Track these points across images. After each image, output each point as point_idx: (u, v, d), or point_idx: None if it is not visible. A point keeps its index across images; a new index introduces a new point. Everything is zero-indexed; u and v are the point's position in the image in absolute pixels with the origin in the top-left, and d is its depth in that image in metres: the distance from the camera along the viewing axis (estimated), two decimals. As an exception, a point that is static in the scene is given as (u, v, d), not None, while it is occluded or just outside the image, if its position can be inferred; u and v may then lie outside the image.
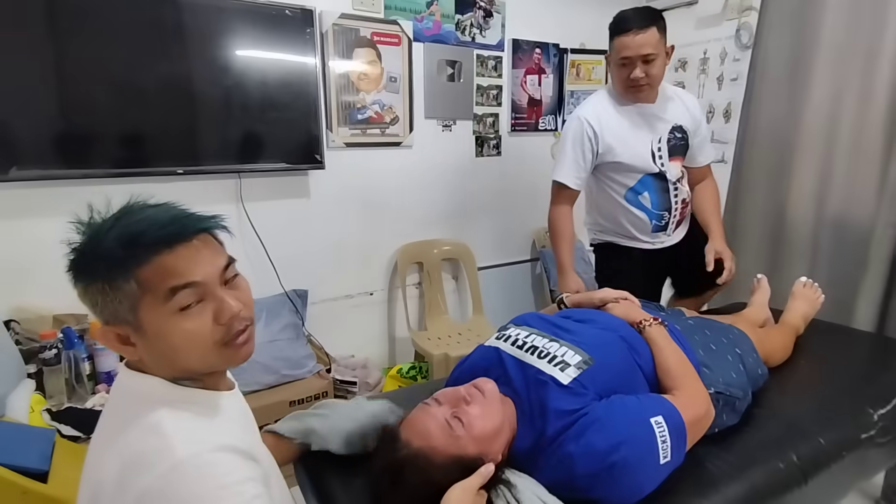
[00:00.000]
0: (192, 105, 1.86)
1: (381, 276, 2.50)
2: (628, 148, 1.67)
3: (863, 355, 1.65)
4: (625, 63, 1.57)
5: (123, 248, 0.59)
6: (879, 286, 2.02)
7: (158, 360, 0.64)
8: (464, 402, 0.93)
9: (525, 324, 1.18)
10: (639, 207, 1.73)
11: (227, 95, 1.90)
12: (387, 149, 2.37)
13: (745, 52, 2.53)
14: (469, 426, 0.90)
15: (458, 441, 0.89)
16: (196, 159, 1.91)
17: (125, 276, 0.59)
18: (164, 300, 0.60)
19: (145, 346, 0.62)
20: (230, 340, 0.64)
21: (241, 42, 1.89)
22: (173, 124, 1.85)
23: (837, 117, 2.12)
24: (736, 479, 1.03)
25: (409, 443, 0.89)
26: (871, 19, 1.99)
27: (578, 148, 1.67)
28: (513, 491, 0.89)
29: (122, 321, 0.61)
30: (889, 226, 1.97)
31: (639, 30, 1.53)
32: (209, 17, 1.83)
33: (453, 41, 2.45)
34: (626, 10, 1.61)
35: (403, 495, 0.85)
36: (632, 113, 1.68)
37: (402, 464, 0.87)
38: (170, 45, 1.79)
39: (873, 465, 1.31)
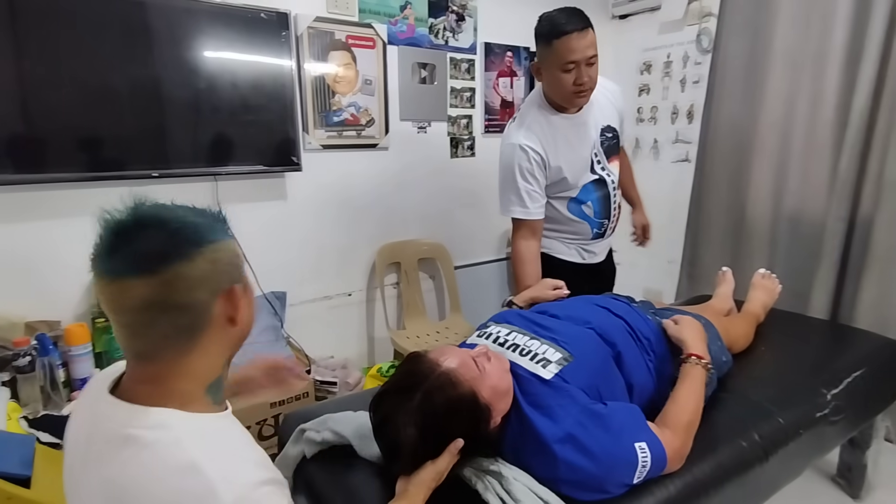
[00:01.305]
0: (166, 108, 1.85)
1: (360, 276, 2.52)
2: (572, 164, 1.60)
3: (817, 341, 1.76)
4: (570, 68, 1.45)
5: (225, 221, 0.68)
6: (832, 276, 2.14)
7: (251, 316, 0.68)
8: (484, 357, 0.98)
9: (505, 321, 1.21)
10: (581, 217, 1.68)
11: (202, 98, 1.89)
12: (363, 150, 2.40)
13: (705, 56, 2.65)
14: (489, 373, 0.95)
15: (479, 377, 0.93)
16: (171, 162, 1.89)
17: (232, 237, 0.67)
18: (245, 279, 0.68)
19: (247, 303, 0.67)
20: None
21: (216, 44, 1.89)
22: (146, 127, 1.84)
23: (791, 118, 2.25)
24: (703, 458, 1.09)
25: (438, 363, 0.93)
26: (819, 26, 2.11)
27: (531, 178, 1.56)
28: (503, 482, 0.93)
29: (241, 278, 0.66)
30: (839, 220, 2.10)
31: (581, 31, 1.42)
32: (183, 20, 1.82)
33: (427, 44, 2.49)
34: (557, 14, 1.46)
35: (418, 414, 0.87)
36: (566, 126, 1.59)
37: (427, 377, 0.90)
38: (141, 47, 1.77)
39: (828, 442, 1.41)
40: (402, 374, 0.95)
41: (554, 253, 1.73)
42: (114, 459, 0.59)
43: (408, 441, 0.87)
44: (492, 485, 0.93)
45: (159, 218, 0.61)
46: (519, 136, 1.57)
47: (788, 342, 1.67)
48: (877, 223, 2.00)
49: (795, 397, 1.34)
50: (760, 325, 1.71)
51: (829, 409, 1.33)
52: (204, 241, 0.62)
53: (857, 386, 1.43)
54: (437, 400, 0.88)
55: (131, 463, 0.58)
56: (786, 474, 1.27)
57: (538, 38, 1.51)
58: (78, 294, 1.82)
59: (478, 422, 0.92)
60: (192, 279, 0.60)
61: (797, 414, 1.28)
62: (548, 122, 1.58)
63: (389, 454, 0.94)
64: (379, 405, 0.93)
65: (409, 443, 0.87)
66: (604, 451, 0.93)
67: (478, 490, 0.93)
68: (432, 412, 0.88)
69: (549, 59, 1.48)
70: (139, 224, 0.60)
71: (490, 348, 1.06)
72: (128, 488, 0.57)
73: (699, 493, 1.05)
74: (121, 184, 1.79)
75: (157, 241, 0.59)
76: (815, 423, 1.30)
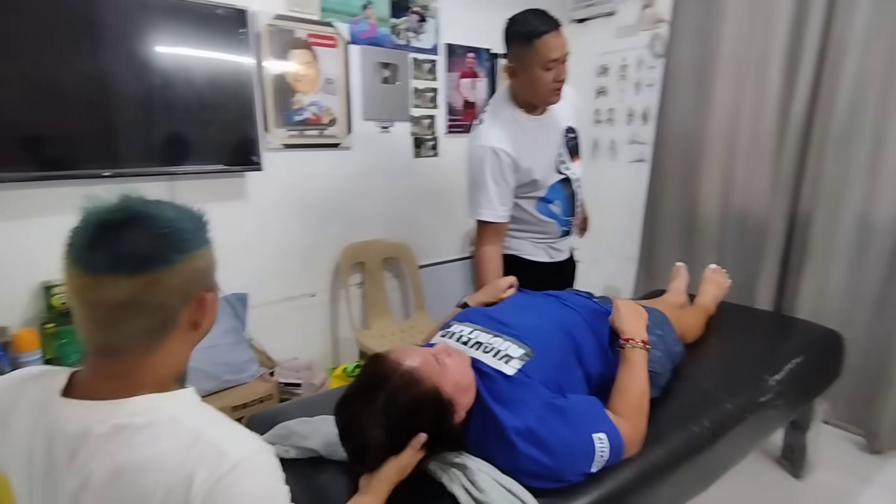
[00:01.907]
0: (116, 105, 1.79)
1: (323, 276, 2.50)
2: (541, 164, 1.63)
3: (762, 331, 1.87)
4: (551, 66, 1.49)
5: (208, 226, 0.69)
6: (776, 270, 2.27)
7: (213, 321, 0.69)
8: (444, 354, 1.00)
9: (468, 320, 1.23)
10: (550, 216, 1.71)
11: (155, 95, 1.84)
12: (326, 150, 2.38)
13: (658, 60, 2.76)
14: (450, 369, 0.97)
15: (441, 373, 0.95)
16: (122, 161, 1.83)
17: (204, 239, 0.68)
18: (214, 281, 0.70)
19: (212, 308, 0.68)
20: None
21: (171, 40, 1.84)
22: (96, 125, 1.77)
23: (737, 121, 2.37)
24: (657, 444, 1.14)
25: (400, 363, 0.94)
26: (762, 33, 2.24)
27: (501, 181, 1.56)
28: (467, 473, 0.95)
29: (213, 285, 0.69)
30: (782, 216, 2.23)
31: (557, 31, 1.48)
32: (135, 14, 1.76)
33: (389, 44, 2.49)
34: (530, 15, 1.50)
35: (382, 414, 0.88)
36: (534, 127, 1.62)
37: (389, 377, 0.91)
38: (91, 42, 1.71)
39: (771, 425, 1.50)
40: (365, 376, 0.96)
41: (523, 254, 1.74)
42: (104, 452, 0.59)
43: (374, 442, 0.88)
44: (457, 476, 0.95)
45: (147, 218, 0.61)
46: (490, 137, 1.56)
47: (736, 333, 1.77)
48: (815, 220, 2.13)
49: (741, 384, 1.42)
50: (711, 317, 1.79)
51: (772, 395, 1.42)
52: (187, 249, 0.63)
53: (797, 372, 1.52)
54: (400, 399, 0.90)
55: (131, 446, 0.59)
56: (733, 457, 1.35)
57: (514, 39, 1.52)
58: (25, 299, 1.74)
59: (441, 417, 0.94)
60: (169, 286, 0.61)
61: (743, 400, 1.36)
62: (517, 123, 1.60)
63: (356, 456, 0.95)
64: (344, 408, 0.94)
65: (376, 443, 0.88)
66: (562, 444, 0.97)
67: (443, 482, 0.95)
68: (397, 411, 0.89)
69: (529, 59, 1.49)
70: (126, 222, 0.60)
71: (451, 346, 1.09)
72: (135, 468, 0.58)
73: (653, 477, 1.10)
74: (69, 184, 1.73)
75: (142, 243, 0.60)
76: (759, 408, 1.38)
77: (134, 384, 0.63)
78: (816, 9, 2.04)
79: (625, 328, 1.21)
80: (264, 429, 1.15)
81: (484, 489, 0.93)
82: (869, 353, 2.06)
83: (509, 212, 1.62)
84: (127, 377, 0.63)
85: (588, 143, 3.18)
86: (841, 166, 2.05)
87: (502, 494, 0.93)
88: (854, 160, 2.03)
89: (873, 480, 1.88)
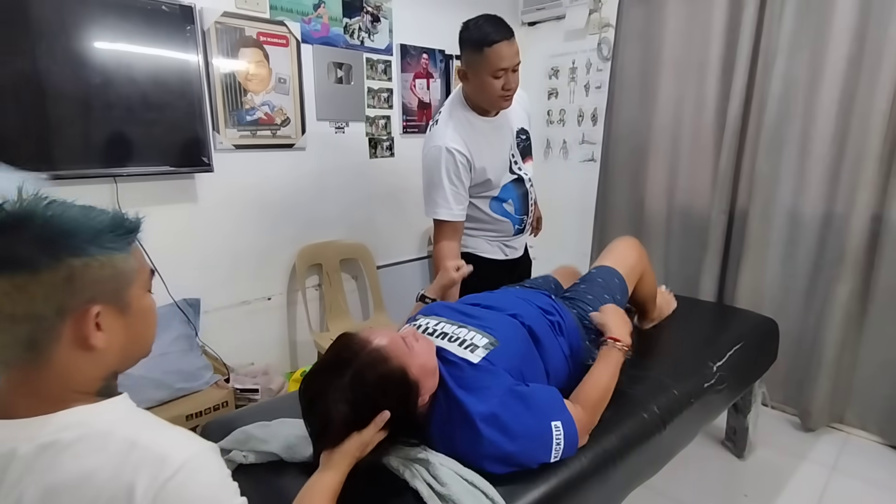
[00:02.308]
0: (52, 104, 1.69)
1: (279, 279, 2.45)
2: (494, 164, 1.67)
3: (706, 320, 1.97)
4: (500, 74, 1.53)
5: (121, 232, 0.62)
6: (717, 263, 2.41)
7: (127, 341, 0.64)
8: (412, 337, 1.02)
9: (433, 314, 1.26)
10: (503, 215, 1.75)
11: (94, 93, 1.76)
12: (279, 150, 2.34)
13: (606, 63, 2.86)
14: (417, 351, 0.99)
15: (409, 354, 0.97)
16: (59, 163, 1.74)
17: (127, 251, 0.63)
18: (146, 282, 0.67)
19: (122, 326, 0.63)
20: None
21: (111, 36, 1.76)
22: (29, 125, 1.68)
23: (679, 122, 2.49)
24: (610, 431, 1.19)
25: (369, 341, 0.95)
26: (700, 39, 2.36)
27: (457, 180, 1.60)
28: (430, 469, 0.96)
29: (116, 299, 0.62)
30: (721, 212, 2.36)
31: (510, 40, 1.51)
32: (73, 9, 1.68)
33: (342, 44, 2.48)
34: (485, 23, 1.53)
35: (349, 390, 0.89)
36: (487, 129, 1.66)
37: (357, 354, 0.92)
38: (24, 38, 1.62)
39: (715, 408, 1.59)
40: (333, 353, 0.96)
41: (479, 252, 1.78)
42: (33, 472, 0.56)
43: (338, 416, 0.89)
44: (419, 472, 0.96)
45: (28, 218, 0.57)
46: (445, 138, 1.59)
47: (682, 323, 1.86)
48: (751, 215, 2.27)
49: (687, 371, 1.50)
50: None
51: (715, 380, 1.51)
52: (65, 252, 0.57)
53: (737, 358, 1.62)
54: (368, 375, 0.91)
55: (60, 463, 0.56)
56: (681, 440, 1.42)
57: (466, 45, 1.55)
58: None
59: (407, 397, 0.95)
60: (34, 293, 0.56)
61: (689, 385, 1.44)
62: (471, 124, 1.64)
63: (319, 432, 0.94)
64: (309, 384, 0.94)
65: (340, 418, 0.89)
66: (524, 430, 1.00)
67: (405, 478, 0.96)
68: (363, 387, 0.90)
69: (479, 66, 1.53)
70: (3, 221, 0.56)
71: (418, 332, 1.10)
72: (68, 486, 0.55)
73: (607, 463, 1.14)
74: (2, 187, 1.62)
75: (7, 245, 0.55)
76: (703, 393, 1.46)
77: (48, 399, 0.59)
78: (748, 18, 2.18)
79: (611, 328, 1.26)
80: (221, 435, 1.13)
81: (446, 482, 0.94)
82: (801, 339, 2.21)
83: (465, 210, 1.66)
84: (36, 393, 0.59)
85: (541, 143, 3.26)
86: (772, 165, 2.20)
87: (464, 487, 0.95)
88: (784, 160, 2.18)
89: (808, 456, 2.02)
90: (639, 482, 1.27)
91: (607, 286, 1.48)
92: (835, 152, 2.05)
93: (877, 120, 1.89)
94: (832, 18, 1.98)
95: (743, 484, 1.88)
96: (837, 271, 2.03)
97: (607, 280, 1.49)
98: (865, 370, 2.08)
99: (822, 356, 2.09)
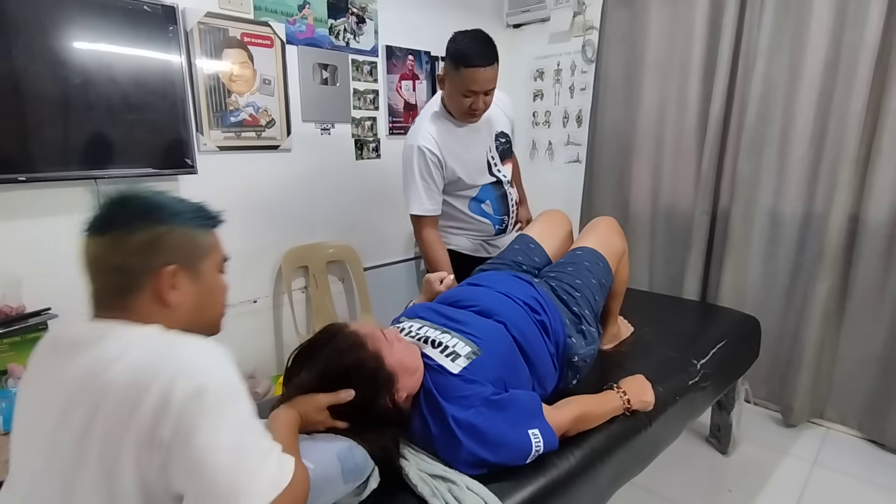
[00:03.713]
0: (30, 105, 1.66)
1: (265, 282, 2.43)
2: (468, 165, 1.75)
3: (690, 319, 2.01)
4: (469, 95, 1.60)
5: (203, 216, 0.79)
6: (700, 262, 2.44)
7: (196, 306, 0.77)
8: (395, 336, 1.06)
9: (417, 316, 1.25)
10: (482, 215, 1.83)
11: (74, 94, 1.72)
12: (264, 152, 2.32)
13: (590, 65, 2.89)
14: (397, 348, 1.02)
15: (388, 346, 1.00)
16: (38, 165, 1.69)
17: (210, 229, 0.80)
18: (220, 263, 0.82)
19: (193, 292, 0.76)
20: None
21: (92, 36, 1.73)
22: (6, 127, 1.64)
23: (663, 124, 2.53)
24: (598, 430, 1.21)
25: (349, 326, 1.01)
26: (682, 41, 2.40)
27: (428, 178, 1.70)
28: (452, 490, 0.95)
29: (190, 263, 0.76)
30: (704, 213, 2.40)
31: (487, 66, 1.56)
32: (51, 9, 1.65)
33: (327, 45, 2.46)
34: (471, 42, 1.57)
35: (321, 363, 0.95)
36: (461, 132, 1.74)
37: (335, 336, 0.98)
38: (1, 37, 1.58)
39: (699, 405, 1.61)
40: (315, 336, 1.02)
41: (461, 249, 1.83)
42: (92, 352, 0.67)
43: (304, 380, 0.94)
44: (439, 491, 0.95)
45: (135, 197, 0.74)
46: (418, 137, 1.69)
47: (666, 321, 1.88)
48: (732, 215, 2.31)
49: (672, 368, 1.52)
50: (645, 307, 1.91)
51: (699, 377, 1.53)
52: (152, 219, 0.73)
53: (720, 355, 1.65)
54: (343, 355, 0.95)
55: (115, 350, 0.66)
56: (666, 437, 1.44)
57: (448, 57, 1.61)
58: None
59: (379, 386, 0.96)
60: (128, 248, 0.71)
61: (674, 383, 1.46)
62: (445, 126, 1.72)
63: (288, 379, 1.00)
64: (289, 360, 1.01)
65: (305, 382, 0.94)
66: (501, 440, 1.01)
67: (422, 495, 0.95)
68: (336, 363, 0.94)
69: (453, 80, 1.61)
70: (119, 199, 0.74)
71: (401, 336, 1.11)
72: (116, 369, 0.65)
73: (595, 461, 1.16)
74: (-21, 189, 1.59)
75: (115, 211, 0.73)
76: (688, 390, 1.49)
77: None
78: (728, 21, 2.22)
79: (629, 390, 1.29)
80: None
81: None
82: (782, 336, 2.26)
83: (438, 206, 1.76)
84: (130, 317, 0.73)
85: (527, 144, 3.28)
86: (753, 166, 2.24)
87: None
88: (764, 161, 2.23)
89: (790, 451, 2.06)
90: (626, 479, 1.29)
91: (593, 271, 1.47)
92: (813, 154, 2.10)
93: (853, 122, 1.94)
94: (809, 21, 2.03)
95: (727, 479, 1.91)
96: (817, 270, 2.08)
97: (592, 265, 1.49)
98: (844, 366, 2.13)
99: (803, 353, 2.13)
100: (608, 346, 1.66)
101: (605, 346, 1.65)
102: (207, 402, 0.62)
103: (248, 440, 0.66)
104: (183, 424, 0.61)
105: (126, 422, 0.61)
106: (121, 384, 0.63)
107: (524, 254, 1.59)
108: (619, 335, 1.71)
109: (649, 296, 2.28)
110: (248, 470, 0.64)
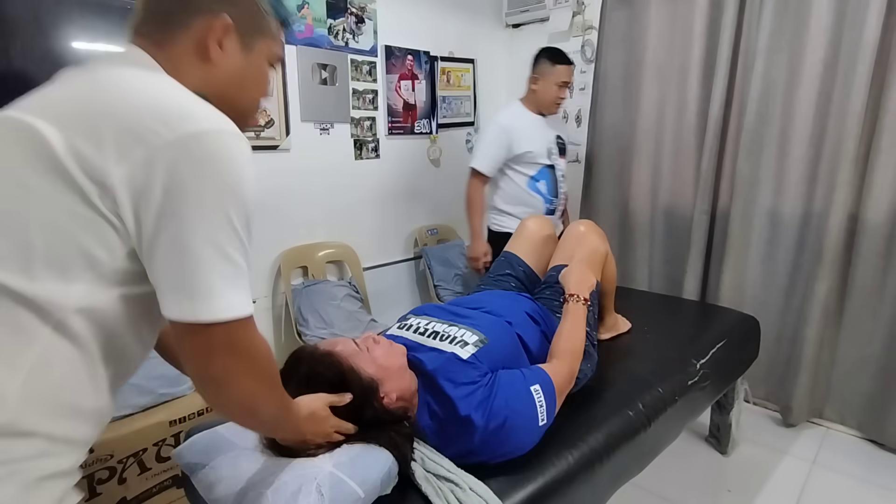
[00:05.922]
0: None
1: (264, 282, 2.43)
2: (533, 143, 2.26)
3: (690, 319, 2.01)
4: (562, 85, 2.23)
5: (289, 11, 0.77)
6: (700, 262, 2.44)
7: (233, 81, 0.73)
8: (370, 340, 1.06)
9: (424, 313, 1.29)
10: (536, 192, 2.30)
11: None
12: (263, 152, 2.32)
13: (589, 65, 2.89)
14: (373, 352, 1.03)
15: (360, 355, 1.01)
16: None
17: (281, 20, 0.76)
18: (274, 55, 0.77)
19: (236, 63, 0.72)
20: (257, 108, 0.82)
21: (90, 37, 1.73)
22: None
23: (662, 124, 2.53)
24: (596, 429, 1.21)
25: (316, 347, 1.03)
26: (681, 41, 2.40)
27: (495, 144, 2.25)
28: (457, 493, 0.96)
29: (247, 31, 0.71)
30: (703, 213, 2.39)
31: (572, 65, 2.25)
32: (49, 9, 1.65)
33: (326, 45, 2.46)
34: (558, 50, 2.25)
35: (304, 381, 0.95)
36: (537, 121, 2.31)
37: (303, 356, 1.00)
38: (-1, 36, 1.59)
39: (699, 405, 1.61)
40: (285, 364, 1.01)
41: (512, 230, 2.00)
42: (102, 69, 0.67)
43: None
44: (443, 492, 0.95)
45: None
46: (501, 117, 2.31)
47: (666, 321, 1.89)
48: (732, 215, 2.31)
49: (671, 368, 1.52)
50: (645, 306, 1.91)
51: (699, 377, 1.53)
52: None
53: (720, 355, 1.65)
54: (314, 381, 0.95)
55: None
56: (666, 437, 1.44)
57: (545, 59, 2.22)
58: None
59: (364, 398, 0.97)
60: None
61: (673, 383, 1.46)
62: (525, 114, 2.31)
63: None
64: None
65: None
66: (510, 405, 1.03)
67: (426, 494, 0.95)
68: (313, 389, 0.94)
69: (550, 76, 2.22)
70: None
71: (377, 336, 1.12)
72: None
73: (594, 462, 1.16)
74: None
75: None
76: (687, 390, 1.49)
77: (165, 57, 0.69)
78: (727, 21, 2.22)
79: (570, 286, 1.37)
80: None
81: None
82: (781, 336, 2.26)
83: (491, 170, 2.28)
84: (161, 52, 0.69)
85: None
86: (752, 166, 2.24)
87: None
88: (764, 161, 2.22)
89: (789, 451, 2.06)
90: (625, 479, 1.29)
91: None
92: (812, 153, 2.10)
93: (852, 122, 1.94)
94: (808, 21, 2.03)
95: (726, 479, 1.91)
96: (816, 270, 2.08)
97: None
98: (843, 366, 2.13)
99: (802, 353, 2.13)
100: (606, 337, 1.71)
101: (603, 336, 1.70)
102: (209, 167, 0.63)
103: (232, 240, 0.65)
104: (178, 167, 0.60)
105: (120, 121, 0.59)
106: (132, 105, 0.60)
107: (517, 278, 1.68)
108: (617, 327, 1.76)
109: (649, 296, 2.28)
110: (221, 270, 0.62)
